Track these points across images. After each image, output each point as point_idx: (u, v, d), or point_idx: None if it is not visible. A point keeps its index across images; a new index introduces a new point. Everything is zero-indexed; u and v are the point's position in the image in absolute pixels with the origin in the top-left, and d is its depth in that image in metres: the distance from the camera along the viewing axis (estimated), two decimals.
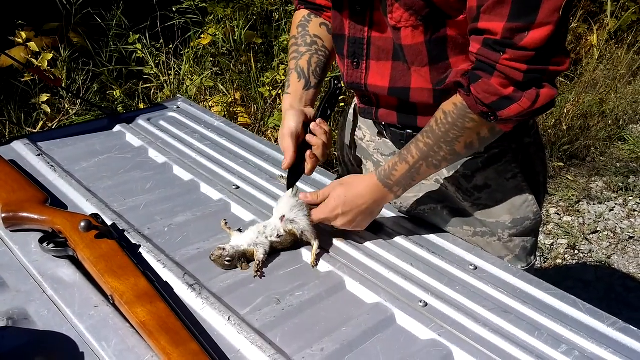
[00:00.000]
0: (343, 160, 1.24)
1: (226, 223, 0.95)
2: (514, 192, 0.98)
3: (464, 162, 0.97)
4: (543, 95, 0.77)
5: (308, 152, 0.95)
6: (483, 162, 0.97)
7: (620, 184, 3.09)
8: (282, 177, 1.04)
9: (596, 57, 3.76)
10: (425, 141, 0.86)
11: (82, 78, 2.70)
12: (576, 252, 2.63)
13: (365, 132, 1.13)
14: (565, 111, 3.33)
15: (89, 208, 0.99)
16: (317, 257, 0.90)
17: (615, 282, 2.47)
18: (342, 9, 0.91)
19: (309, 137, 0.95)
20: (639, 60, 3.90)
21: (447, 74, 0.84)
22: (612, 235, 2.75)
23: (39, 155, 1.14)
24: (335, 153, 1.27)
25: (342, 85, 1.00)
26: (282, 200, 0.96)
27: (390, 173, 0.90)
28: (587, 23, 3.91)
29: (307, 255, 0.92)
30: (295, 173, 0.97)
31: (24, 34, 2.61)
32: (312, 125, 0.95)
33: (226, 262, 0.87)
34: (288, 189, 0.97)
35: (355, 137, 1.16)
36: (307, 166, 0.95)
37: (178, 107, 1.43)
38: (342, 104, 2.67)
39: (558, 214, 2.88)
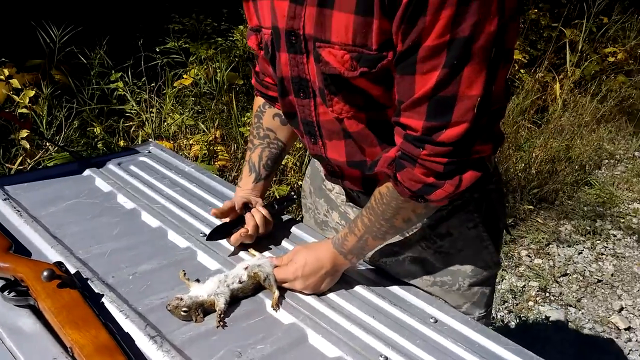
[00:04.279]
0: (309, 207, 1.26)
1: (185, 274, 0.95)
2: (475, 241, 1.02)
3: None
4: (466, 180, 0.80)
5: (242, 230, 1.03)
6: (447, 213, 1.00)
7: (588, 227, 3.18)
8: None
9: (560, 105, 3.94)
10: (368, 217, 0.91)
11: (63, 114, 2.70)
12: (547, 294, 2.67)
13: (334, 185, 1.15)
14: (534, 156, 3.45)
15: (53, 255, 0.98)
16: (279, 302, 0.92)
17: (585, 325, 2.50)
18: (288, 96, 0.94)
19: (247, 215, 1.05)
20: (602, 109, 4.10)
21: (379, 157, 0.87)
22: (581, 278, 2.81)
23: (5, 199, 1.13)
24: (302, 199, 1.31)
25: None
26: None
27: (343, 242, 0.94)
28: (551, 73, 4.12)
29: (270, 306, 0.93)
30: (222, 231, 1.05)
31: (6, 71, 2.62)
32: (254, 209, 1.06)
33: (182, 313, 0.86)
34: (208, 239, 1.05)
35: (323, 186, 1.19)
36: (235, 236, 1.03)
37: (149, 152, 1.44)
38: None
39: (529, 256, 2.93)
